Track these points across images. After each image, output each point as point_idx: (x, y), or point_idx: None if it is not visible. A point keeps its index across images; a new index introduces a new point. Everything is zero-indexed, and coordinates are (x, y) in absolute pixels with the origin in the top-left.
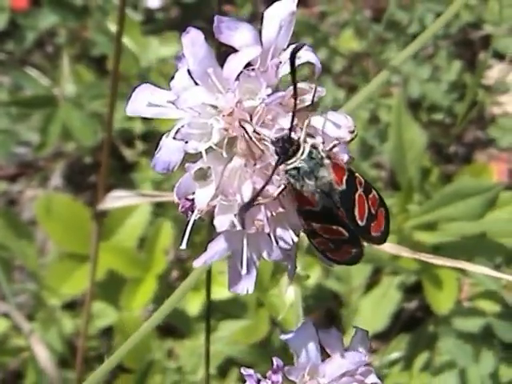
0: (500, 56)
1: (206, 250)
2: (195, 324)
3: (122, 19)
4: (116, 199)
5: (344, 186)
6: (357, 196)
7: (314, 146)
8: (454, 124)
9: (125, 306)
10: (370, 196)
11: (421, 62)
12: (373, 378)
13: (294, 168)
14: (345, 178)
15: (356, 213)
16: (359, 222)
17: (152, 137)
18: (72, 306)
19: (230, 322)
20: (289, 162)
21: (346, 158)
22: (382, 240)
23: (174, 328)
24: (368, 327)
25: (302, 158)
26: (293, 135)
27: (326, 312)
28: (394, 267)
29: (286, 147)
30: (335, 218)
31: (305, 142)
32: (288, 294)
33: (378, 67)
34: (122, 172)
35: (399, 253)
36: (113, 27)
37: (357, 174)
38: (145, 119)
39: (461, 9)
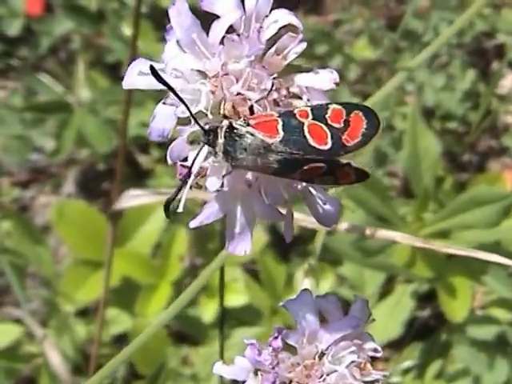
0: None
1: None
2: (209, 331)
3: (137, 22)
4: (132, 198)
5: (281, 133)
6: (306, 129)
7: (230, 125)
8: (467, 132)
9: (139, 312)
10: (329, 114)
11: (435, 70)
12: (371, 343)
13: (223, 153)
14: (279, 126)
15: (313, 143)
16: (323, 147)
17: (167, 144)
18: (85, 313)
19: (244, 329)
20: (216, 150)
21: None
22: (365, 142)
23: (188, 335)
24: (381, 335)
25: (221, 141)
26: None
27: None
28: (408, 275)
29: (207, 139)
30: (300, 162)
31: (220, 127)
32: (304, 287)
33: (393, 75)
34: (137, 179)
35: (412, 243)
36: (128, 33)
37: (298, 110)
38: None
39: (474, 18)
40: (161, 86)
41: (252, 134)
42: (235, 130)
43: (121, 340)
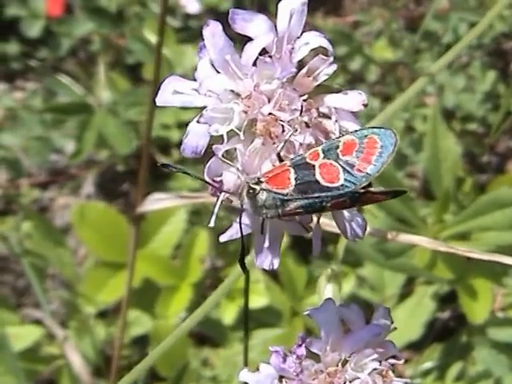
0: None
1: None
2: (230, 333)
3: (162, 29)
4: (155, 202)
5: (292, 182)
6: (317, 170)
7: (248, 187)
8: (487, 134)
9: (160, 314)
10: (340, 148)
11: (455, 72)
12: (394, 350)
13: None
14: (291, 175)
15: (325, 182)
16: (336, 184)
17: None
18: (104, 315)
19: (264, 331)
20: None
21: (354, 127)
22: (380, 166)
23: (209, 337)
24: (402, 337)
25: (246, 201)
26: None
27: None
28: (429, 277)
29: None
30: (321, 201)
31: (241, 190)
32: (326, 292)
33: (412, 76)
34: (157, 180)
35: (436, 247)
36: (149, 34)
37: (309, 153)
38: (180, 127)
39: (494, 19)
40: (196, 104)
41: (266, 190)
42: (250, 191)
43: (141, 341)
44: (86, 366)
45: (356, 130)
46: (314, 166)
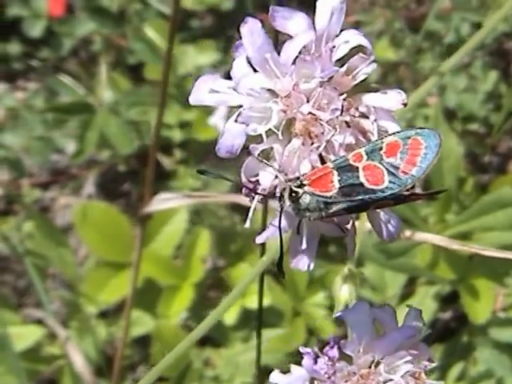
0: None
1: (266, 228)
2: (231, 333)
3: (173, 32)
4: (163, 201)
5: (336, 185)
6: (361, 173)
7: (290, 189)
8: (488, 134)
9: (161, 314)
10: (384, 149)
11: (457, 72)
12: (427, 352)
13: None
14: (334, 177)
15: (370, 185)
16: (381, 187)
17: (190, 145)
18: (105, 315)
19: (267, 331)
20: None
21: (393, 126)
22: (425, 168)
23: (211, 337)
24: None
25: (288, 204)
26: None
27: None
28: (431, 277)
29: (278, 204)
30: (366, 204)
31: (283, 192)
32: (342, 292)
33: (414, 77)
34: (159, 180)
35: (450, 245)
36: (150, 34)
37: (352, 154)
38: (183, 127)
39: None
40: (232, 103)
41: (310, 193)
42: (293, 194)
43: (142, 341)
44: (88, 365)
45: (399, 131)
46: (357, 168)
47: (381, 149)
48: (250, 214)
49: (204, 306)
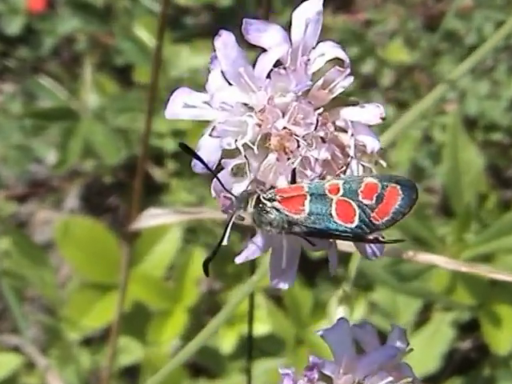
0: None
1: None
2: (228, 363)
3: (162, 32)
4: (151, 218)
5: (306, 210)
6: (334, 206)
7: (258, 198)
8: None
9: (152, 340)
10: (362, 188)
11: (478, 76)
12: (409, 374)
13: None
14: (306, 201)
15: (338, 220)
16: (348, 225)
17: (184, 156)
18: (89, 342)
19: (267, 361)
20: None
21: (371, 140)
22: (396, 220)
23: (205, 367)
24: (417, 369)
25: (251, 210)
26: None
27: None
28: (447, 302)
29: (238, 205)
30: (327, 234)
31: (253, 194)
32: (337, 315)
33: (431, 81)
34: (150, 194)
35: (457, 268)
36: (140, 32)
37: (329, 184)
38: (176, 135)
39: None
40: (207, 118)
41: (277, 210)
42: (260, 205)
43: (130, 371)
44: None
45: (380, 176)
46: (331, 200)
47: (359, 187)
48: (228, 230)
49: (198, 333)
